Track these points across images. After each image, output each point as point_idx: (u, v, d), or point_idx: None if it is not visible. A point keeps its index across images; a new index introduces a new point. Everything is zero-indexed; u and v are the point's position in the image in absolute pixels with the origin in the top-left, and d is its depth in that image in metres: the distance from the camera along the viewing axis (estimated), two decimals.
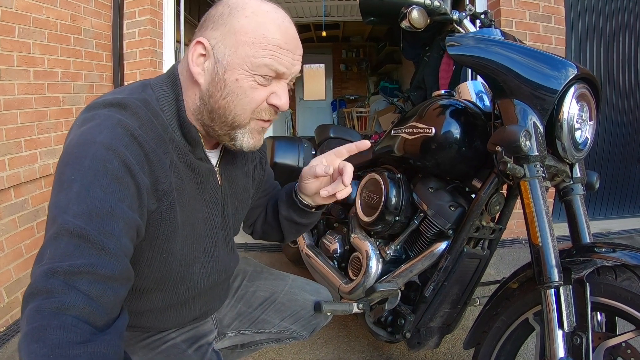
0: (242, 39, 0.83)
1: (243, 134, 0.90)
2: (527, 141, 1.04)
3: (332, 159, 1.06)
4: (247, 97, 0.86)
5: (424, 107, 1.44)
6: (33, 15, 2.24)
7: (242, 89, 0.85)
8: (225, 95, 0.85)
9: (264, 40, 0.83)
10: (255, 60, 0.83)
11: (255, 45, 0.83)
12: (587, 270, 1.02)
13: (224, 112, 0.87)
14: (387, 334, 1.54)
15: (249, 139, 0.91)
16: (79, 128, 0.77)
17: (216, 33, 0.85)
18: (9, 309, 2.10)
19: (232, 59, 0.84)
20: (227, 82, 0.85)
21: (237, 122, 0.88)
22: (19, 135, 2.16)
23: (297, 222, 1.19)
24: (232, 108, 0.86)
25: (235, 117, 0.87)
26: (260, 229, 1.30)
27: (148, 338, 1.05)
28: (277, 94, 0.88)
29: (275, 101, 0.88)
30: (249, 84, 0.85)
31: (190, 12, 5.48)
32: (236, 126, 0.88)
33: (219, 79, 0.85)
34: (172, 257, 0.91)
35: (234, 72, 0.84)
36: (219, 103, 0.86)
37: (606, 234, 3.24)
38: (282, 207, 1.20)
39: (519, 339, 1.22)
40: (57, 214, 0.69)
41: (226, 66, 0.84)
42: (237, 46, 0.83)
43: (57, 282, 0.63)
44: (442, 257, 1.38)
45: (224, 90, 0.85)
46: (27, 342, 0.60)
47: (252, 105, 0.87)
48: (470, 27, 1.34)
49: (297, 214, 1.17)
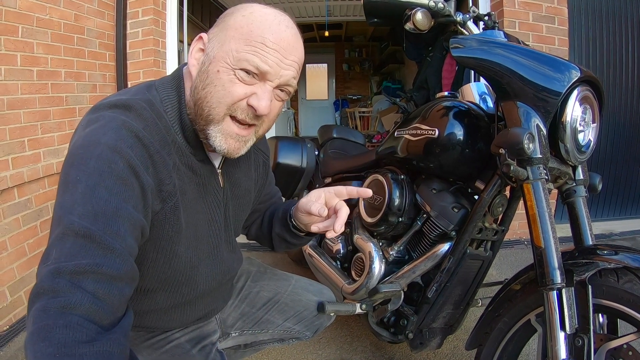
0: (231, 33, 0.84)
1: (216, 133, 0.86)
2: (531, 144, 1.04)
3: (331, 197, 1.04)
4: (224, 90, 0.84)
5: (427, 108, 1.45)
6: (36, 15, 2.25)
7: (220, 81, 0.83)
8: (205, 86, 0.85)
9: (250, 35, 0.82)
10: (237, 55, 0.82)
11: (240, 40, 0.82)
12: (589, 272, 1.03)
13: (202, 104, 0.85)
14: (389, 335, 1.54)
15: (221, 140, 0.87)
16: (84, 129, 0.78)
17: (215, 29, 0.87)
18: (12, 307, 2.10)
19: (218, 52, 0.84)
20: (209, 73, 0.84)
21: (212, 116, 0.85)
22: (23, 135, 2.17)
23: (288, 241, 1.20)
24: (209, 99, 0.84)
25: (211, 109, 0.85)
26: (254, 234, 1.31)
27: (152, 338, 1.06)
28: (257, 95, 0.85)
29: (253, 102, 0.84)
30: (228, 77, 0.83)
31: (193, 12, 5.49)
32: (210, 120, 0.86)
33: (204, 70, 0.85)
34: (176, 258, 0.91)
35: (217, 64, 0.84)
36: (200, 93, 0.86)
37: (608, 235, 3.24)
38: (276, 224, 1.20)
39: (521, 341, 1.22)
40: (62, 214, 0.69)
41: (212, 58, 0.85)
42: (225, 40, 0.84)
43: (63, 282, 0.64)
44: (445, 258, 1.38)
45: (205, 81, 0.85)
46: (33, 341, 0.61)
47: (228, 99, 0.84)
48: (474, 28, 1.34)
49: (288, 235, 1.18)
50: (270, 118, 0.92)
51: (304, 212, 1.05)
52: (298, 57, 0.88)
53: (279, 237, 1.20)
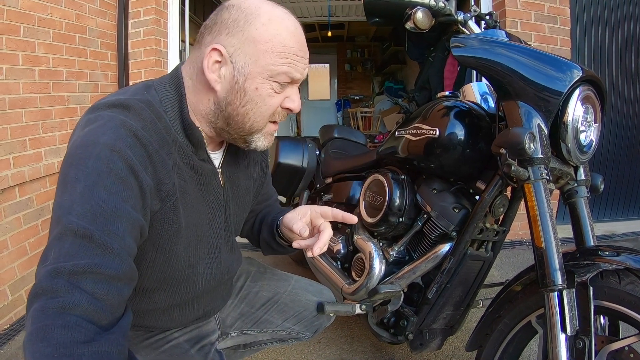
0: (262, 47, 0.84)
1: (259, 137, 0.93)
2: (532, 143, 1.04)
3: (316, 216, 1.06)
4: (265, 105, 0.88)
5: (428, 108, 1.44)
6: (38, 14, 2.25)
7: (261, 97, 0.87)
8: (244, 104, 0.87)
9: (283, 49, 0.85)
10: (275, 69, 0.85)
11: (274, 54, 0.84)
12: (590, 273, 1.02)
13: (242, 119, 0.89)
14: (389, 335, 1.53)
15: (263, 141, 0.95)
16: (83, 129, 0.78)
17: (233, 40, 0.84)
18: (12, 306, 2.11)
19: (253, 68, 0.85)
20: (247, 91, 0.86)
21: (255, 128, 0.91)
22: (24, 134, 2.17)
23: (274, 248, 1.23)
24: (250, 115, 0.88)
25: (254, 123, 0.90)
26: (246, 233, 1.31)
27: (151, 337, 1.06)
28: (291, 98, 0.91)
29: (289, 105, 0.91)
30: (267, 92, 0.87)
31: (195, 11, 5.49)
32: (254, 132, 0.92)
33: (239, 87, 0.86)
34: (175, 258, 0.91)
35: (254, 81, 0.85)
36: (237, 110, 0.88)
37: (610, 236, 3.23)
38: (264, 230, 1.22)
39: (521, 342, 1.21)
40: (61, 214, 0.69)
41: (247, 75, 0.85)
42: (258, 55, 0.84)
43: (62, 282, 0.64)
44: (446, 258, 1.38)
45: (243, 99, 0.87)
46: (31, 341, 0.61)
47: (270, 111, 0.90)
48: (475, 28, 1.33)
49: (274, 243, 1.20)
50: None
51: (287, 227, 1.08)
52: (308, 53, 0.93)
53: (265, 242, 1.23)
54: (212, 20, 0.88)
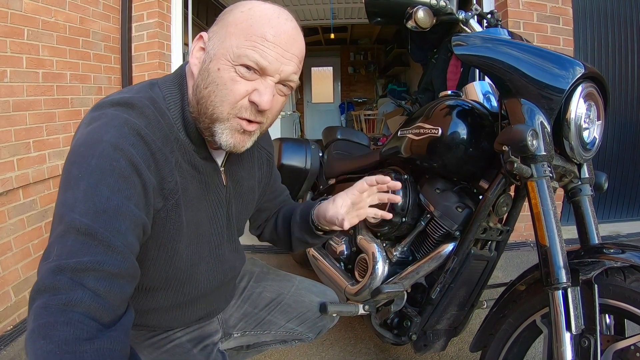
0: (231, 30, 0.83)
1: (222, 130, 0.86)
2: (534, 140, 1.03)
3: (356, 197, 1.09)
4: (226, 89, 0.83)
5: (430, 107, 1.44)
6: (42, 17, 2.26)
7: (222, 79, 0.83)
8: (207, 85, 0.84)
9: (250, 31, 0.82)
10: (237, 51, 0.81)
11: (240, 36, 0.82)
12: (595, 271, 1.01)
13: (205, 102, 0.85)
14: (393, 336, 1.53)
15: (227, 136, 0.86)
16: (86, 127, 0.78)
17: (215, 27, 0.87)
18: (16, 308, 2.11)
19: (218, 49, 0.83)
20: (210, 71, 0.84)
21: (216, 115, 0.85)
22: (28, 136, 2.18)
23: (309, 242, 1.22)
24: (212, 98, 0.84)
25: (215, 108, 0.84)
26: (269, 237, 1.31)
27: (153, 337, 1.06)
28: (259, 91, 0.84)
29: (255, 98, 0.84)
30: (229, 75, 0.82)
31: (198, 14, 5.51)
32: (215, 119, 0.85)
33: (205, 68, 0.85)
34: (177, 256, 0.91)
35: (218, 62, 0.83)
36: (202, 92, 0.85)
37: (615, 236, 3.21)
38: (295, 229, 1.20)
39: (526, 342, 1.21)
40: (64, 212, 0.70)
41: (212, 56, 0.84)
42: (225, 37, 0.83)
43: (64, 279, 0.64)
44: (449, 258, 1.37)
45: (207, 79, 0.84)
46: (33, 338, 0.61)
47: (231, 97, 0.83)
48: (477, 27, 1.33)
49: (310, 237, 1.19)
50: (274, 113, 0.91)
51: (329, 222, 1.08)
52: (299, 50, 0.88)
53: (299, 240, 1.21)
54: None
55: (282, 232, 1.25)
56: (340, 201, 1.08)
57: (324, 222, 1.11)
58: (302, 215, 1.19)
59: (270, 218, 1.31)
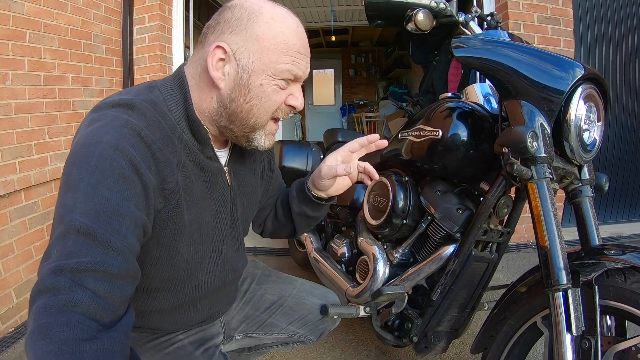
0: (266, 45, 0.85)
1: (261, 135, 0.94)
2: (534, 142, 1.03)
3: (347, 155, 1.12)
4: (270, 100, 0.89)
5: (431, 109, 1.44)
6: (44, 20, 2.27)
7: (265, 93, 0.88)
8: (249, 100, 0.88)
9: (286, 46, 0.87)
10: (278, 66, 0.87)
11: (277, 52, 0.86)
12: (595, 272, 1.01)
13: (246, 116, 0.89)
14: (394, 338, 1.53)
15: (265, 140, 0.95)
16: (86, 128, 0.78)
17: (237, 38, 0.86)
18: (17, 310, 2.12)
19: (257, 65, 0.86)
20: (251, 87, 0.87)
21: (258, 124, 0.92)
22: (30, 139, 2.19)
23: (310, 215, 1.22)
24: (255, 111, 0.89)
25: (258, 119, 0.91)
26: (271, 227, 1.32)
27: (155, 339, 1.06)
28: (295, 95, 0.93)
29: (292, 102, 0.93)
30: (271, 88, 0.88)
31: (199, 17, 5.52)
32: (257, 128, 0.92)
33: (244, 84, 0.87)
34: (179, 256, 0.91)
35: (259, 78, 0.87)
36: (242, 107, 0.88)
37: (617, 238, 3.20)
38: (294, 204, 1.22)
39: (527, 343, 1.20)
40: (64, 212, 0.70)
41: (250, 72, 0.86)
42: (261, 52, 0.86)
43: (64, 280, 0.64)
44: (450, 260, 1.37)
45: (248, 95, 0.88)
46: (33, 338, 0.61)
47: (274, 107, 0.91)
48: (477, 29, 1.33)
49: (309, 208, 1.21)
50: None
51: (329, 177, 1.10)
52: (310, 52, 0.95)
53: (299, 215, 1.23)
54: (215, 20, 0.89)
55: (283, 215, 1.28)
56: (331, 159, 1.12)
57: (320, 183, 1.13)
58: (297, 189, 1.22)
59: (271, 210, 1.32)
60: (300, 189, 1.20)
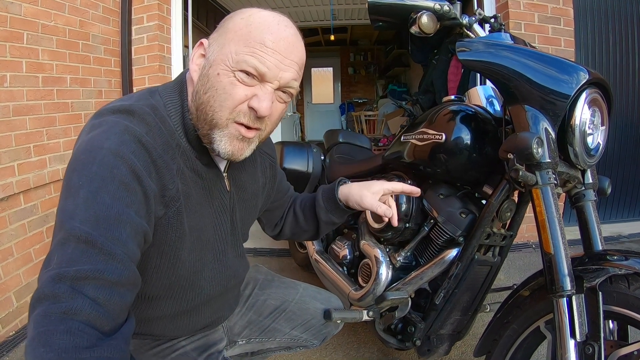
0: (230, 36, 0.83)
1: (221, 137, 0.85)
2: (539, 148, 1.03)
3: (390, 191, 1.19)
4: (225, 93, 0.82)
5: (434, 112, 1.43)
6: (41, 21, 2.26)
7: (221, 84, 0.82)
8: (207, 90, 0.84)
9: (249, 37, 0.82)
10: (236, 57, 0.81)
11: (239, 42, 0.82)
12: (599, 278, 1.01)
13: (204, 108, 0.84)
14: (397, 342, 1.52)
15: (226, 144, 0.86)
16: (87, 134, 0.78)
17: (215, 34, 0.87)
18: (18, 313, 2.11)
19: (218, 55, 0.84)
20: (209, 77, 0.84)
21: (215, 120, 0.84)
22: (28, 141, 2.18)
23: (336, 222, 1.26)
24: (211, 103, 0.83)
25: (214, 113, 0.84)
26: (290, 232, 1.34)
27: (158, 346, 1.05)
28: (258, 97, 0.83)
29: (254, 103, 0.83)
30: (228, 79, 0.82)
31: (198, 17, 5.51)
32: (214, 125, 0.85)
33: (204, 73, 0.85)
34: (180, 264, 0.90)
35: (217, 67, 0.83)
36: (202, 98, 0.85)
37: (617, 237, 3.21)
38: (321, 214, 1.24)
39: (530, 348, 1.21)
40: (64, 219, 0.69)
41: (212, 62, 0.84)
42: (224, 43, 0.84)
43: (64, 287, 0.63)
44: (453, 264, 1.37)
45: (206, 85, 0.84)
46: (33, 346, 0.60)
47: (230, 102, 0.83)
48: (480, 31, 1.33)
49: (337, 216, 1.24)
50: (273, 120, 0.91)
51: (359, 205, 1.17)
52: (298, 57, 0.87)
53: (326, 223, 1.26)
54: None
55: (306, 222, 1.29)
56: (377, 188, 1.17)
57: (354, 204, 1.19)
58: (326, 198, 1.24)
59: (286, 214, 1.32)
60: (330, 201, 1.23)
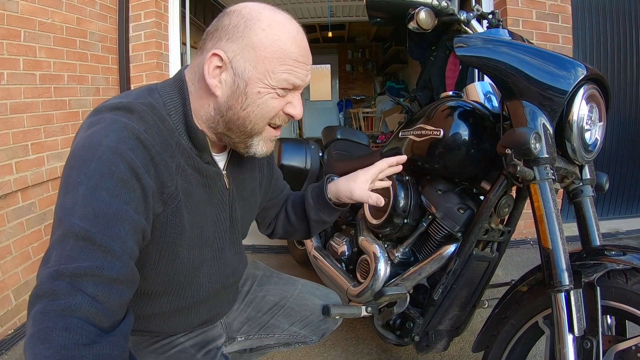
0: (262, 53, 0.84)
1: (258, 141, 0.93)
2: (537, 143, 1.03)
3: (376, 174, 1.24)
4: (267, 107, 0.88)
5: (432, 108, 1.43)
6: (38, 19, 2.25)
7: (263, 100, 0.87)
8: (245, 107, 0.87)
9: (283, 55, 0.85)
10: (275, 75, 0.85)
11: (274, 60, 0.84)
12: (597, 273, 1.01)
13: (243, 122, 0.88)
14: (395, 337, 1.53)
15: (262, 146, 0.94)
16: (86, 131, 0.78)
17: (233, 46, 0.85)
18: (16, 311, 2.11)
19: (253, 73, 0.85)
20: (248, 95, 0.86)
21: (255, 131, 0.90)
22: (26, 139, 2.17)
23: (326, 221, 1.27)
24: (252, 118, 0.88)
25: (254, 126, 0.89)
26: (282, 231, 1.34)
27: (156, 343, 1.05)
28: (293, 104, 0.91)
29: (290, 110, 0.91)
30: (269, 96, 0.87)
31: (195, 14, 5.50)
32: (253, 134, 0.91)
33: (240, 92, 0.86)
34: (179, 260, 0.91)
35: (256, 86, 0.85)
36: (238, 114, 0.87)
37: (615, 234, 3.21)
38: (311, 212, 1.24)
39: (528, 343, 1.21)
40: (63, 216, 0.69)
41: (247, 80, 0.85)
42: (257, 61, 0.84)
43: (63, 284, 0.64)
44: (451, 259, 1.37)
45: (245, 102, 0.86)
46: (32, 343, 0.61)
47: (271, 114, 0.89)
48: (478, 27, 1.32)
49: (327, 214, 1.25)
50: None
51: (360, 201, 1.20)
52: (311, 59, 0.93)
53: (316, 222, 1.26)
54: (214, 26, 0.88)
55: (297, 221, 1.29)
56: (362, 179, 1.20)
57: (345, 199, 1.21)
58: (315, 197, 1.25)
59: (280, 213, 1.32)
60: (319, 199, 1.24)
